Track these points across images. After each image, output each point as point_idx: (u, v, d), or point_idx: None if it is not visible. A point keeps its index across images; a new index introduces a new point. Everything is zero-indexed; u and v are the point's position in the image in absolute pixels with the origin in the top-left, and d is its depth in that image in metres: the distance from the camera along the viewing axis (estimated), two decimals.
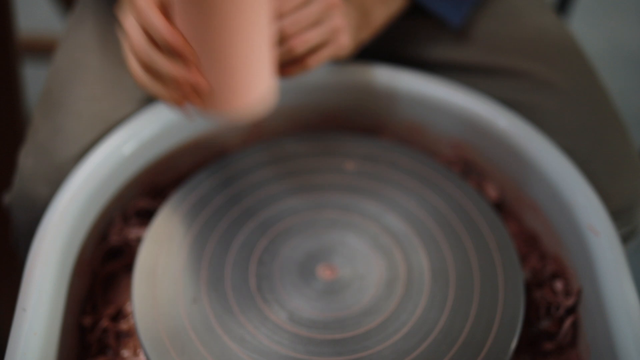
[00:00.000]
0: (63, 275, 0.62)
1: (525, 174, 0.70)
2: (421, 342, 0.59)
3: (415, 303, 0.62)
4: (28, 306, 0.57)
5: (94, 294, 0.67)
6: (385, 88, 0.76)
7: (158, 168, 0.74)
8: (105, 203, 0.69)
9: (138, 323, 0.60)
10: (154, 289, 0.62)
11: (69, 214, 0.64)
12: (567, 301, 0.64)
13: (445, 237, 0.66)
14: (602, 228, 0.62)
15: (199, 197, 0.69)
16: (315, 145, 0.74)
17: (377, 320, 0.61)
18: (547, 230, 0.69)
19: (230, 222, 0.67)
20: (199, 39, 0.54)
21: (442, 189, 0.70)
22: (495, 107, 0.73)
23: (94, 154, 0.68)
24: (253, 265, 0.65)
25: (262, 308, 0.61)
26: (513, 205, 0.73)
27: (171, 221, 0.67)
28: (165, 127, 0.72)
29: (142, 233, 0.70)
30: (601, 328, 0.58)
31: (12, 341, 0.56)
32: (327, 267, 0.65)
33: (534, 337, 0.64)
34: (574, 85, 0.76)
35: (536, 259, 0.69)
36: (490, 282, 0.62)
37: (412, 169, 0.72)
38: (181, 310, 0.61)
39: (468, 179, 0.76)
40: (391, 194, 0.70)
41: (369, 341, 0.59)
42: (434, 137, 0.78)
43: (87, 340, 0.64)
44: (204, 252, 0.65)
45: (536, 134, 0.70)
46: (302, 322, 0.60)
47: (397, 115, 0.78)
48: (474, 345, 0.58)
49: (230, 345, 0.59)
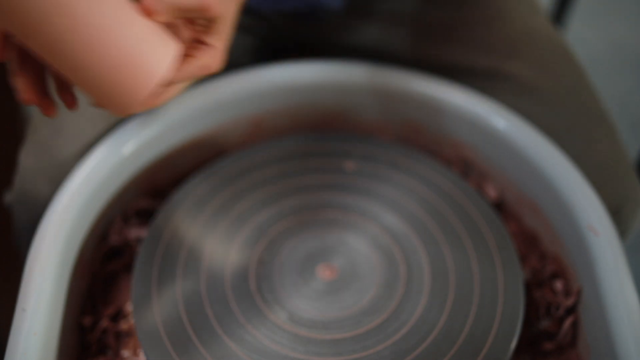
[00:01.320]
0: (63, 275, 0.62)
1: (525, 174, 0.70)
2: (421, 342, 0.59)
3: (415, 303, 0.62)
4: (28, 306, 0.57)
5: (94, 294, 0.67)
6: (385, 88, 0.76)
7: (158, 168, 0.74)
8: (105, 203, 0.69)
9: (138, 323, 0.60)
10: (154, 289, 0.62)
11: (69, 214, 0.64)
12: (567, 301, 0.64)
13: (445, 237, 0.66)
14: (602, 228, 0.62)
15: (199, 197, 0.69)
16: (315, 145, 0.74)
17: (377, 320, 0.61)
18: (547, 230, 0.69)
19: (230, 222, 0.67)
20: (47, 53, 0.50)
21: (442, 189, 0.70)
22: (495, 107, 0.73)
23: (94, 153, 0.68)
24: (253, 265, 0.65)
25: (262, 308, 0.61)
26: (513, 205, 0.73)
27: (171, 221, 0.67)
28: (165, 127, 0.72)
29: (142, 233, 0.70)
30: (601, 328, 0.58)
31: (12, 341, 0.56)
32: (327, 267, 0.65)
33: (534, 337, 0.64)
34: (562, 87, 0.75)
35: (536, 259, 0.69)
36: (490, 282, 0.62)
37: (412, 169, 0.72)
38: (181, 310, 0.61)
39: (468, 179, 0.76)
40: (391, 194, 0.70)
41: (369, 341, 0.59)
42: (434, 137, 0.78)
43: (87, 340, 0.64)
44: (204, 252, 0.65)
45: (536, 134, 0.70)
46: (301, 322, 0.60)
47: (397, 115, 0.78)
48: (474, 345, 0.58)
49: (230, 345, 0.59)
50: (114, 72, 0.50)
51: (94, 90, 0.52)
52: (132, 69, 0.50)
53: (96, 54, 0.49)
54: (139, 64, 0.50)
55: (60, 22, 0.48)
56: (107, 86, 0.51)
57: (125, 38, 0.50)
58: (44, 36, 0.48)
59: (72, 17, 0.48)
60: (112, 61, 0.49)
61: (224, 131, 0.77)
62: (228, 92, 0.75)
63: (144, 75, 0.51)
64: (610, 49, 1.61)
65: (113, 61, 0.50)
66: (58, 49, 0.49)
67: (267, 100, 0.76)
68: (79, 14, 0.47)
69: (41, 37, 0.48)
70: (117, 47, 0.49)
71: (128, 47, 0.50)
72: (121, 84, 0.51)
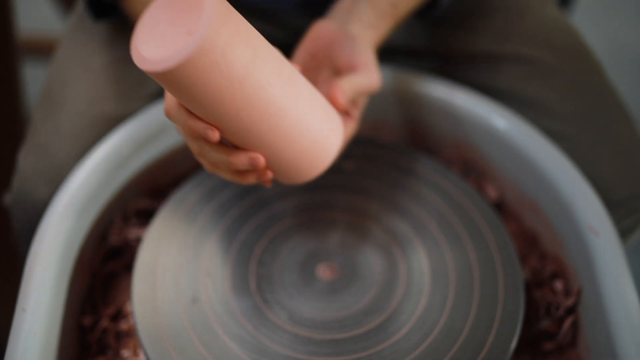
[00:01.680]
0: (63, 275, 0.62)
1: (525, 174, 0.70)
2: (421, 342, 0.59)
3: (415, 303, 0.62)
4: (28, 306, 0.57)
5: (94, 294, 0.67)
6: (385, 88, 0.76)
7: (158, 168, 0.74)
8: (105, 203, 0.69)
9: (138, 323, 0.59)
10: (154, 289, 0.62)
11: (69, 214, 0.64)
12: (567, 301, 0.64)
13: (445, 237, 0.66)
14: (602, 228, 0.62)
15: (199, 197, 0.69)
16: None
17: (377, 320, 0.61)
18: (547, 230, 0.69)
19: (230, 222, 0.67)
20: (247, 136, 0.54)
21: (442, 189, 0.70)
22: (495, 107, 0.73)
23: (93, 154, 0.68)
24: (253, 265, 0.65)
25: (262, 308, 0.61)
26: (513, 205, 0.73)
27: (171, 221, 0.67)
28: (165, 127, 0.72)
29: (142, 233, 0.70)
30: (601, 328, 0.58)
31: (12, 341, 0.56)
32: (327, 267, 0.65)
33: (534, 337, 0.64)
34: (579, 74, 0.76)
35: (536, 259, 0.69)
36: (490, 282, 0.62)
37: (412, 169, 0.72)
38: (181, 310, 0.61)
39: (468, 179, 0.76)
40: (391, 194, 0.70)
41: (369, 341, 0.59)
42: (434, 137, 0.78)
43: (87, 340, 0.64)
44: (204, 252, 0.65)
45: (536, 133, 0.70)
46: (302, 322, 0.60)
47: (398, 116, 0.78)
48: (474, 345, 0.58)
49: (230, 345, 0.59)
50: (302, 156, 0.56)
51: (282, 171, 0.57)
52: (317, 151, 0.57)
53: (292, 144, 0.55)
54: (321, 146, 0.57)
55: (272, 134, 0.53)
56: (294, 167, 0.57)
57: (315, 129, 0.56)
58: (252, 140, 0.53)
59: (283, 127, 0.53)
60: (302, 147, 0.55)
61: None
62: None
63: (326, 153, 0.58)
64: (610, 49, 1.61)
65: (303, 147, 0.55)
66: (261, 145, 0.54)
67: None
68: (288, 125, 0.53)
69: (249, 140, 0.53)
70: (308, 137, 0.55)
71: (316, 134, 0.56)
72: (306, 163, 0.57)
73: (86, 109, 0.72)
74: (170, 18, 0.48)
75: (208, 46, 0.46)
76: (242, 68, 0.48)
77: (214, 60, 0.47)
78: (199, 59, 0.46)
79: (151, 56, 0.47)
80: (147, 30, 0.48)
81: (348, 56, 0.63)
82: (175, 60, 0.46)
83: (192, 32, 0.46)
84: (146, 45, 0.48)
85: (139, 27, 0.49)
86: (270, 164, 0.56)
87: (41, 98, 0.76)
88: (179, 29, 0.47)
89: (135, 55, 0.48)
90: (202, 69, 0.47)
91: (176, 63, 0.46)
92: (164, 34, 0.47)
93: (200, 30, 0.46)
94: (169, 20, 0.48)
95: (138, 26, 0.49)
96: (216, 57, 0.47)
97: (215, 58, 0.47)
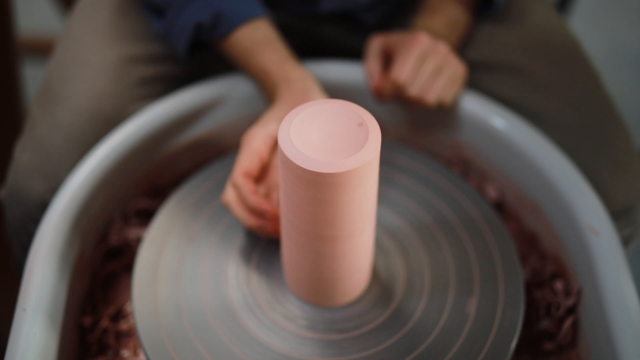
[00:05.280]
0: (63, 275, 0.62)
1: (525, 174, 0.70)
2: (421, 342, 0.59)
3: (415, 303, 0.62)
4: (28, 306, 0.57)
5: (94, 294, 0.67)
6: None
7: (158, 168, 0.74)
8: (105, 203, 0.69)
9: (138, 323, 0.59)
10: (154, 289, 0.62)
11: (69, 214, 0.64)
12: (567, 301, 0.64)
13: (445, 237, 0.66)
14: (602, 228, 0.62)
15: (199, 197, 0.69)
16: None
17: (377, 320, 0.61)
18: (547, 231, 0.69)
19: (230, 222, 0.67)
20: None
21: (442, 189, 0.70)
22: (495, 107, 0.73)
23: (94, 153, 0.68)
24: (253, 265, 0.65)
25: (262, 308, 0.61)
26: (513, 205, 0.73)
27: (171, 221, 0.67)
28: (165, 127, 0.72)
29: (142, 233, 0.70)
30: (601, 328, 0.58)
31: (12, 341, 0.56)
32: None
33: (534, 337, 0.64)
34: (576, 84, 0.76)
35: (536, 259, 0.69)
36: (490, 282, 0.62)
37: (412, 169, 0.72)
38: (181, 310, 0.61)
39: (468, 179, 0.76)
40: (391, 194, 0.70)
41: (369, 341, 0.59)
42: (434, 137, 0.78)
43: (87, 340, 0.64)
44: (203, 252, 0.65)
45: (536, 134, 0.70)
46: (302, 322, 0.60)
47: (398, 116, 0.78)
48: (474, 345, 0.58)
49: (230, 345, 0.59)
50: (346, 281, 0.59)
51: (320, 292, 0.60)
52: (359, 278, 0.61)
53: (344, 274, 0.59)
54: (361, 274, 0.60)
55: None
56: (334, 290, 0.60)
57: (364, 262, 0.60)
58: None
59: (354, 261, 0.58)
60: (349, 274, 0.59)
61: (224, 131, 0.77)
62: (228, 92, 0.75)
63: (363, 279, 0.61)
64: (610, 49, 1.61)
65: (350, 273, 0.59)
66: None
67: (266, 101, 0.76)
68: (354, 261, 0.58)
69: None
70: (360, 267, 0.59)
71: (363, 263, 0.60)
72: (347, 287, 0.60)
73: (85, 105, 0.72)
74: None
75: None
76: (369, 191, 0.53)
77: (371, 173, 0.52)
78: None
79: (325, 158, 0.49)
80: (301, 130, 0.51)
81: None
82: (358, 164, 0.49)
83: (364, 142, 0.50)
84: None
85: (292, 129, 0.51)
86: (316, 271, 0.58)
87: (40, 92, 0.76)
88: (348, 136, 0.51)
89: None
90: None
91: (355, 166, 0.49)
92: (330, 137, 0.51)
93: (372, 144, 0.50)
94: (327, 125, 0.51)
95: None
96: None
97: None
